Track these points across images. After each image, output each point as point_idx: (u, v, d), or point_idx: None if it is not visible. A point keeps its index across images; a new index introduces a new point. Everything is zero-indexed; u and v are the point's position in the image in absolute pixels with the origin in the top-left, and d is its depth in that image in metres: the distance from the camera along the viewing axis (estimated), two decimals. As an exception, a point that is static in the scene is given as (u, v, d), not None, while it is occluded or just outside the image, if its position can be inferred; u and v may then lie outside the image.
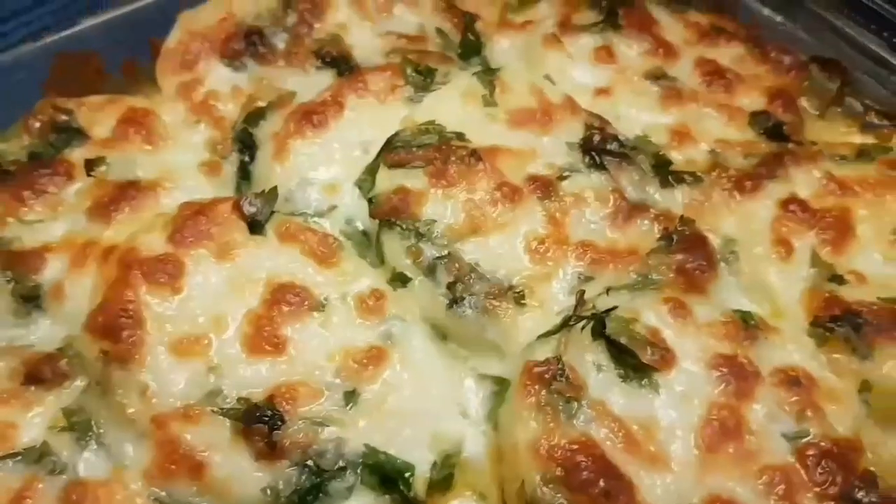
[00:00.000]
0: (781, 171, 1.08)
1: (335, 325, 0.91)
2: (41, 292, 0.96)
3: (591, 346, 0.89)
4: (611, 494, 0.79)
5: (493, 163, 1.03)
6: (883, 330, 0.93)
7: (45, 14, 1.35)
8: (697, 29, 1.25)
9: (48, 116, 1.08)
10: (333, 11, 1.21)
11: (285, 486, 0.83)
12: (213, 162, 1.09)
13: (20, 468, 0.82)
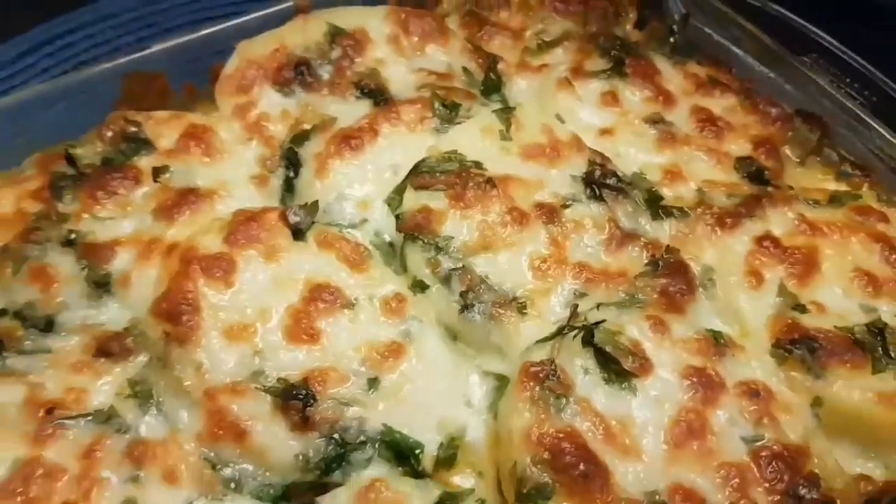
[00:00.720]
0: (759, 211, 1.20)
1: (362, 321, 1.04)
2: (111, 280, 1.08)
3: (581, 352, 1.02)
4: (589, 477, 0.92)
5: (506, 190, 1.15)
6: (835, 354, 1.05)
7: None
8: (695, 80, 1.38)
9: (119, 127, 1.22)
10: (373, 48, 1.34)
11: (314, 454, 0.96)
12: (263, 176, 1.22)
13: (91, 427, 0.96)
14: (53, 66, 1.73)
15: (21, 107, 1.22)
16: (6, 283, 1.08)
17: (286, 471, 0.96)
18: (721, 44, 1.45)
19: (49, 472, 0.91)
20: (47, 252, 1.09)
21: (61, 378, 0.99)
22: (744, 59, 1.44)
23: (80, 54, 1.75)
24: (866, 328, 1.08)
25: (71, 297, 1.07)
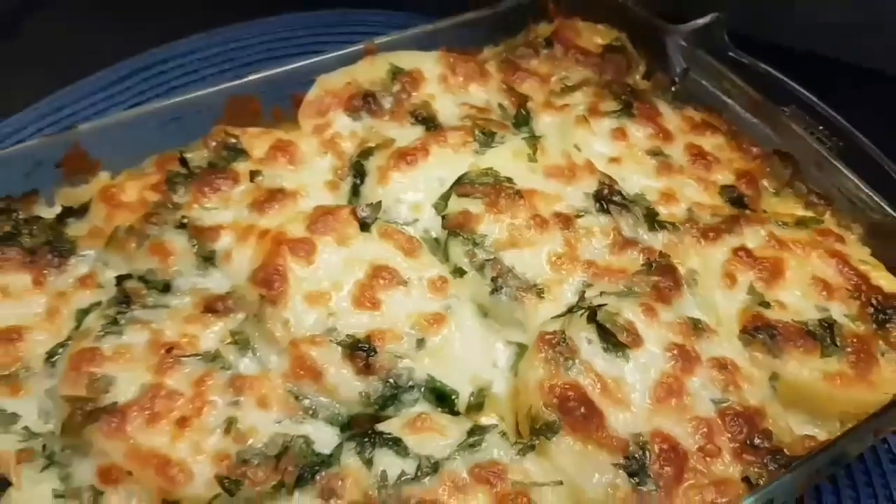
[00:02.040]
0: (737, 228, 1.43)
1: (413, 296, 1.29)
2: (216, 255, 1.33)
3: (586, 327, 1.26)
4: (588, 418, 1.17)
5: (531, 200, 1.41)
6: (791, 340, 1.29)
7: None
8: (691, 122, 1.63)
9: (221, 138, 1.49)
10: (425, 85, 1.61)
11: (374, 393, 1.20)
12: (335, 182, 1.48)
13: (201, 363, 1.19)
14: (148, 89, 2.04)
15: (144, 119, 1.51)
16: (131, 255, 1.35)
17: (351, 404, 1.20)
18: (714, 94, 1.71)
19: (169, 395, 1.16)
20: (164, 232, 1.35)
21: (177, 327, 1.24)
22: (733, 107, 1.68)
23: (171, 81, 2.06)
24: (818, 323, 1.32)
25: (183, 267, 1.32)
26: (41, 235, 1.36)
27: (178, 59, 2.09)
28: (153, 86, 2.04)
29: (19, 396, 1.19)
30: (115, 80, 2.04)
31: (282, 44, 2.13)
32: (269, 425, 1.15)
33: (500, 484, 1.09)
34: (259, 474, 1.09)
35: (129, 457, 1.09)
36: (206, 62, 2.09)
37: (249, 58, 2.09)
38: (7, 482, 1.07)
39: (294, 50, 2.10)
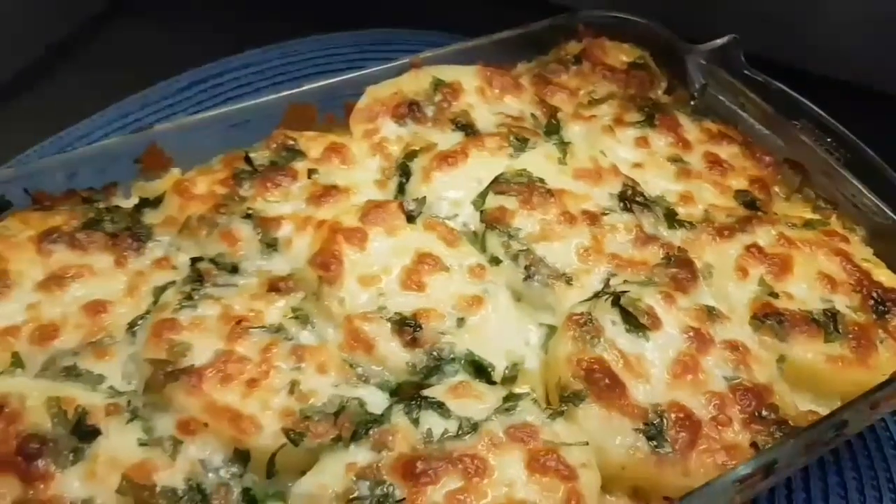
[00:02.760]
0: (750, 228, 1.55)
1: (454, 280, 1.41)
2: (278, 242, 1.46)
3: (610, 310, 1.39)
4: (611, 387, 1.29)
5: (561, 199, 1.54)
6: (797, 326, 1.40)
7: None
8: (708, 133, 1.76)
9: (281, 141, 1.64)
10: (465, 96, 1.75)
11: (419, 364, 1.32)
12: (382, 180, 1.61)
13: (267, 334, 1.31)
14: (206, 99, 2.22)
15: (213, 122, 1.67)
16: (202, 241, 1.50)
17: (399, 372, 1.32)
18: (730, 108, 1.85)
19: (239, 360, 1.29)
20: (232, 221, 1.49)
21: (245, 303, 1.38)
22: (747, 120, 1.81)
23: (226, 92, 2.24)
24: (823, 312, 1.44)
25: (249, 252, 1.46)
26: (121, 222, 1.52)
27: (234, 72, 2.27)
28: (211, 96, 2.21)
29: (105, 361, 1.34)
30: (177, 91, 2.22)
31: (329, 59, 2.30)
32: (328, 388, 1.29)
33: (532, 442, 1.22)
34: (319, 429, 1.23)
35: (205, 411, 1.23)
36: (260, 75, 2.26)
37: (299, 72, 2.26)
38: (97, 431, 1.22)
39: (340, 66, 2.26)
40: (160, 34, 2.46)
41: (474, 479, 1.17)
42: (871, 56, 2.16)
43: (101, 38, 2.45)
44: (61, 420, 1.22)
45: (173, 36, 2.44)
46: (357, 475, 1.18)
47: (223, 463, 1.22)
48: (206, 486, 1.19)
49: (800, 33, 2.25)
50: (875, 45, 2.17)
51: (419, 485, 1.16)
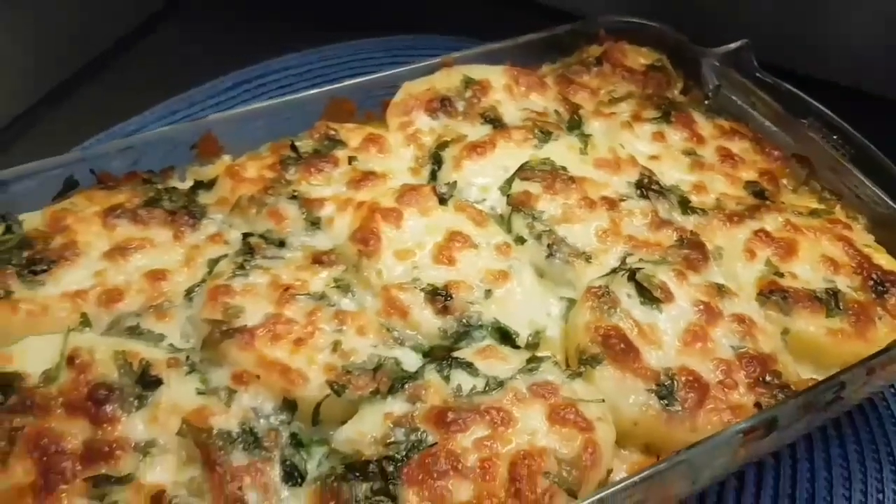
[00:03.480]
0: (758, 215, 1.66)
1: (482, 256, 1.53)
2: (321, 220, 1.58)
3: (626, 284, 1.50)
4: (626, 352, 1.41)
5: (581, 186, 1.66)
6: (800, 302, 1.51)
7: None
8: (721, 129, 1.87)
9: (324, 131, 1.78)
10: (493, 93, 1.88)
11: (449, 329, 1.43)
12: (416, 168, 1.74)
13: (311, 301, 1.43)
14: (249, 98, 2.36)
15: (262, 113, 1.82)
16: (252, 219, 1.63)
17: (431, 337, 1.44)
18: (743, 107, 1.96)
19: (287, 322, 1.42)
20: (279, 201, 1.62)
21: (291, 273, 1.51)
22: (758, 118, 1.92)
23: (268, 92, 2.38)
24: (825, 290, 1.54)
25: (294, 229, 1.59)
26: (178, 201, 1.66)
27: (275, 73, 2.42)
28: (254, 95, 2.36)
29: (164, 322, 1.47)
30: (222, 90, 2.37)
31: (363, 63, 2.45)
32: (367, 348, 1.41)
33: (552, 398, 1.34)
34: (360, 382, 1.36)
35: (257, 365, 1.36)
36: (299, 77, 2.41)
37: (335, 74, 2.41)
38: (160, 381, 1.35)
39: (372, 68, 2.38)
40: (210, 35, 2.64)
41: (500, 428, 1.29)
42: (875, 62, 2.27)
43: (150, 40, 2.63)
44: (127, 371, 1.35)
45: (221, 37, 2.61)
46: (393, 423, 1.30)
47: (273, 411, 1.34)
48: (257, 430, 1.31)
49: (810, 40, 2.36)
50: (883, 51, 2.28)
51: (450, 432, 1.28)
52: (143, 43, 2.61)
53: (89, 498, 1.23)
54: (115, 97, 2.31)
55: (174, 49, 2.57)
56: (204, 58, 2.45)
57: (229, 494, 1.23)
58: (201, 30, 2.68)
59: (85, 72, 2.46)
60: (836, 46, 2.32)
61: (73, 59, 2.46)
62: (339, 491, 1.22)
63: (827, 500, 1.60)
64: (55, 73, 2.42)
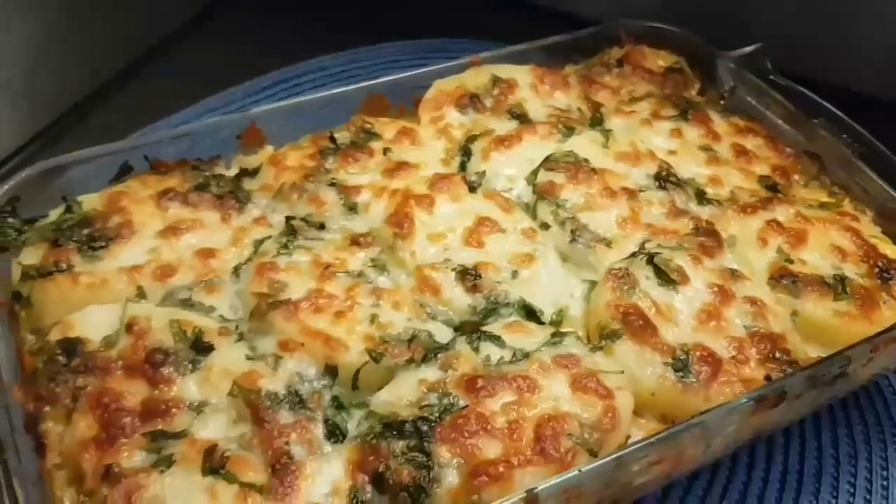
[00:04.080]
0: (771, 206, 1.74)
1: (509, 240, 1.63)
2: (357, 206, 1.69)
3: (645, 267, 1.60)
4: (644, 327, 1.50)
5: (603, 177, 1.76)
6: (809, 286, 1.59)
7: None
8: (736, 127, 1.97)
9: (360, 124, 1.90)
10: (519, 91, 1.99)
11: (478, 306, 1.53)
12: (447, 159, 1.84)
13: (350, 278, 1.53)
14: (287, 97, 2.48)
15: (302, 107, 1.93)
16: (294, 204, 1.74)
17: (462, 313, 1.54)
18: (757, 107, 2.05)
19: (328, 296, 1.52)
20: (319, 188, 1.74)
21: (331, 253, 1.62)
22: (771, 118, 2.01)
23: (304, 91, 2.50)
24: (833, 276, 1.63)
25: (333, 213, 1.70)
26: (225, 187, 1.78)
27: (310, 74, 2.54)
28: (290, 94, 2.48)
29: (214, 296, 1.58)
30: (259, 90, 2.50)
31: (394, 64, 2.56)
32: (402, 321, 1.52)
33: (575, 368, 1.43)
34: (396, 351, 1.46)
35: (301, 334, 1.47)
36: (332, 77, 2.53)
37: (368, 75, 2.50)
38: (211, 347, 1.46)
39: (403, 70, 2.51)
40: (248, 38, 2.78)
41: (526, 394, 1.39)
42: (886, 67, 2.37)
43: (191, 41, 2.77)
44: (181, 337, 1.46)
45: (259, 39, 2.75)
46: (427, 388, 1.40)
47: (316, 376, 1.45)
48: (302, 393, 1.41)
49: (823, 48, 2.46)
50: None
51: (479, 397, 1.38)
52: (186, 44, 2.75)
53: (147, 451, 1.33)
54: (159, 94, 2.44)
55: (215, 50, 2.71)
56: (243, 59, 2.58)
57: (277, 448, 1.33)
58: (240, 32, 2.81)
59: (130, 70, 2.61)
60: (851, 54, 2.41)
61: (116, 59, 2.61)
62: (377, 447, 1.32)
63: (834, 475, 1.69)
64: (101, 72, 2.57)
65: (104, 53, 2.55)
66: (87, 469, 1.32)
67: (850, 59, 2.45)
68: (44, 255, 1.60)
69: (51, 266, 1.58)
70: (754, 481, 1.68)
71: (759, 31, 2.19)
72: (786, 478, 1.69)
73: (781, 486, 1.67)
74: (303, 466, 1.32)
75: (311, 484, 1.31)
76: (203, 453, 1.31)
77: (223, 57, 2.64)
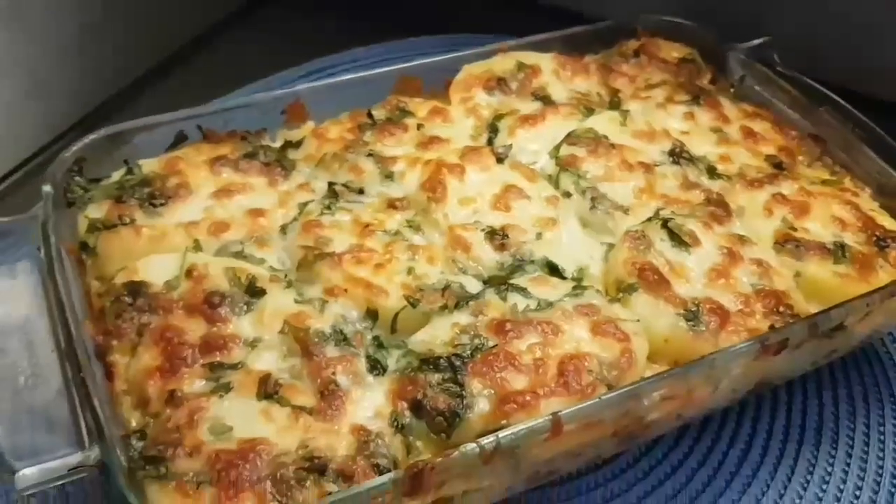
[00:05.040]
0: (776, 182, 1.87)
1: (534, 205, 1.76)
2: (394, 174, 1.83)
3: (660, 231, 1.74)
4: (658, 283, 1.63)
5: (621, 152, 1.90)
6: (811, 249, 1.73)
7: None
8: (745, 112, 2.10)
9: (395, 103, 2.05)
10: (542, 76, 2.13)
11: (505, 262, 1.65)
12: (475, 136, 1.98)
13: (388, 236, 1.66)
14: (318, 84, 2.65)
15: (342, 86, 2.09)
16: (335, 172, 1.88)
17: (490, 269, 1.67)
18: (764, 96, 2.18)
19: (368, 250, 1.65)
20: (358, 158, 1.88)
21: (370, 214, 1.75)
22: (778, 106, 2.15)
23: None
24: (833, 243, 1.78)
25: (371, 180, 1.84)
26: (272, 156, 1.92)
27: (345, 65, 2.69)
28: (321, 81, 2.64)
29: (264, 250, 1.72)
30: (296, 78, 2.65)
31: (423, 56, 2.70)
32: (436, 274, 1.65)
33: (595, 316, 1.57)
34: (431, 298, 1.60)
35: (345, 281, 1.61)
36: (365, 68, 2.67)
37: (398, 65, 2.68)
38: (264, 291, 1.60)
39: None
40: (285, 31, 2.97)
41: (550, 336, 1.52)
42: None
43: (233, 32, 2.97)
44: (236, 283, 1.61)
45: (295, 32, 2.93)
46: (460, 330, 1.53)
47: (358, 319, 1.59)
48: (346, 332, 1.55)
49: (833, 48, 2.60)
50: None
51: (507, 338, 1.52)
52: (228, 35, 2.94)
53: (206, 379, 1.48)
54: (204, 81, 2.61)
55: (257, 42, 2.90)
56: (281, 50, 2.74)
57: (324, 378, 1.47)
58: (280, 25, 3.01)
59: (178, 56, 2.80)
60: (864, 56, 2.55)
61: (163, 47, 2.80)
62: (415, 379, 1.46)
63: (833, 430, 1.81)
64: (154, 54, 2.80)
65: (156, 38, 2.77)
66: (152, 394, 1.46)
67: (862, 61, 2.58)
68: (108, 210, 1.75)
69: (115, 220, 1.72)
70: (759, 433, 1.80)
71: (771, 30, 2.32)
72: (789, 431, 1.81)
73: (785, 437, 1.80)
74: (348, 393, 1.45)
75: (357, 408, 1.44)
76: (258, 381, 1.45)
77: (265, 48, 2.81)
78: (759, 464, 1.75)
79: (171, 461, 1.33)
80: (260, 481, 1.30)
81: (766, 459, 1.76)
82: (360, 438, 1.39)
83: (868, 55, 2.63)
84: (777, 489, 1.71)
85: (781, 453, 1.77)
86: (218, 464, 1.31)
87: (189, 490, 1.29)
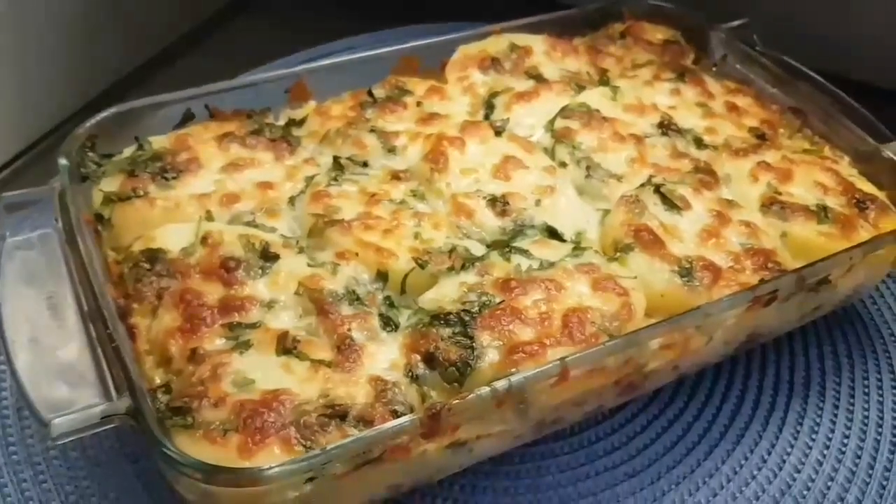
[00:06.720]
0: (760, 151, 1.97)
1: (532, 175, 1.83)
2: (396, 148, 1.90)
3: (652, 195, 1.83)
4: (653, 242, 1.71)
5: (613, 124, 2.00)
6: (796, 211, 1.83)
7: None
8: (727, 88, 2.19)
9: (394, 82, 2.13)
10: (534, 56, 2.21)
11: (507, 227, 1.73)
12: (472, 112, 2.06)
13: (393, 205, 1.74)
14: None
15: (343, 65, 2.16)
16: (339, 146, 1.96)
17: (493, 233, 1.74)
18: (745, 73, 2.29)
19: (376, 218, 1.72)
20: (361, 134, 1.96)
21: (375, 185, 1.82)
22: (759, 83, 2.24)
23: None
24: (816, 205, 1.88)
25: (375, 154, 1.91)
26: (277, 132, 2.00)
27: (338, 55, 2.75)
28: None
29: (274, 220, 1.79)
30: (294, 64, 2.71)
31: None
32: (442, 238, 1.72)
33: (595, 273, 1.65)
34: (438, 259, 1.68)
35: (356, 245, 1.67)
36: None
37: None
38: (278, 256, 1.66)
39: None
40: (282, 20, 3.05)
41: (553, 292, 1.60)
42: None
43: (238, 20, 3.05)
44: (250, 248, 1.67)
45: (291, 21, 3.02)
46: (468, 289, 1.61)
47: (369, 281, 1.66)
48: (359, 292, 1.62)
49: (816, 31, 2.71)
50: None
51: (513, 295, 1.59)
52: (231, 23, 3.03)
53: (226, 338, 1.54)
54: (213, 63, 2.69)
55: (256, 30, 2.98)
56: (279, 39, 2.81)
57: (340, 333, 1.53)
58: (277, 15, 3.08)
59: (187, 39, 2.93)
60: (849, 42, 2.66)
61: (173, 30, 2.91)
62: (427, 333, 1.53)
63: (820, 384, 1.91)
64: (164, 39, 2.95)
65: (166, 23, 2.90)
66: (175, 353, 1.52)
67: (850, 47, 2.69)
68: (121, 184, 1.80)
69: (129, 192, 1.78)
70: (750, 389, 1.89)
71: (749, 16, 2.43)
72: (778, 386, 1.90)
73: (775, 392, 1.89)
74: (364, 347, 1.52)
75: (373, 361, 1.51)
76: (276, 338, 1.52)
77: (263, 37, 2.89)
78: (752, 416, 1.84)
79: (197, 412, 1.39)
80: (284, 427, 1.36)
81: (757, 413, 1.85)
82: (378, 388, 1.46)
83: (843, 39, 2.75)
84: (769, 439, 1.80)
85: (772, 406, 1.86)
86: (243, 412, 1.37)
87: (216, 437, 1.35)
